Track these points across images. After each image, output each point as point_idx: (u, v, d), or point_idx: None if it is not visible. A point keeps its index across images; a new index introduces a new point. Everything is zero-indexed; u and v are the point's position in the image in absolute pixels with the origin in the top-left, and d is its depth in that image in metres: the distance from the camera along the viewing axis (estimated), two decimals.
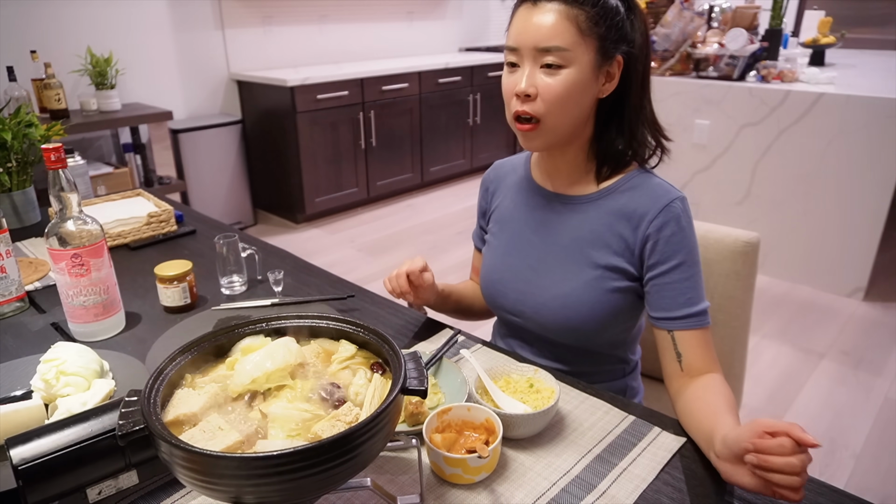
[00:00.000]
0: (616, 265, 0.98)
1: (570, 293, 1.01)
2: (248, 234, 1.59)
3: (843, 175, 2.81)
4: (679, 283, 0.94)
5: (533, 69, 0.91)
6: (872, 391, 2.26)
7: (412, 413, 0.84)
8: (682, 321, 0.93)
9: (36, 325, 1.14)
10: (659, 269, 0.95)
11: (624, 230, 0.98)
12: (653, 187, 0.98)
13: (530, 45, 0.90)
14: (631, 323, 1.06)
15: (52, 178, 0.99)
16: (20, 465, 0.59)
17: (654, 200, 0.96)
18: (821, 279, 3.01)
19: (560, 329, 1.03)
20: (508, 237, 1.11)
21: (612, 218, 0.99)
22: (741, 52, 3.08)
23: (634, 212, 0.97)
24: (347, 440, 0.55)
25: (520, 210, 1.10)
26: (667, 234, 0.94)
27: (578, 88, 0.91)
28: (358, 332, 0.74)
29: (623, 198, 0.99)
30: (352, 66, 4.08)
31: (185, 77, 3.62)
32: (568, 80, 0.90)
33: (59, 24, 3.05)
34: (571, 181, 1.04)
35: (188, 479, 0.56)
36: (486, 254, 1.15)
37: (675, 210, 0.95)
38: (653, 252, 0.95)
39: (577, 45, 0.89)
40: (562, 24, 0.88)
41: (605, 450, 0.82)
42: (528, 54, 0.91)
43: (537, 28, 0.89)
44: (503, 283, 1.10)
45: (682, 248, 0.94)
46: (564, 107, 0.92)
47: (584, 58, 0.90)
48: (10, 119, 1.53)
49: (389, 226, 3.93)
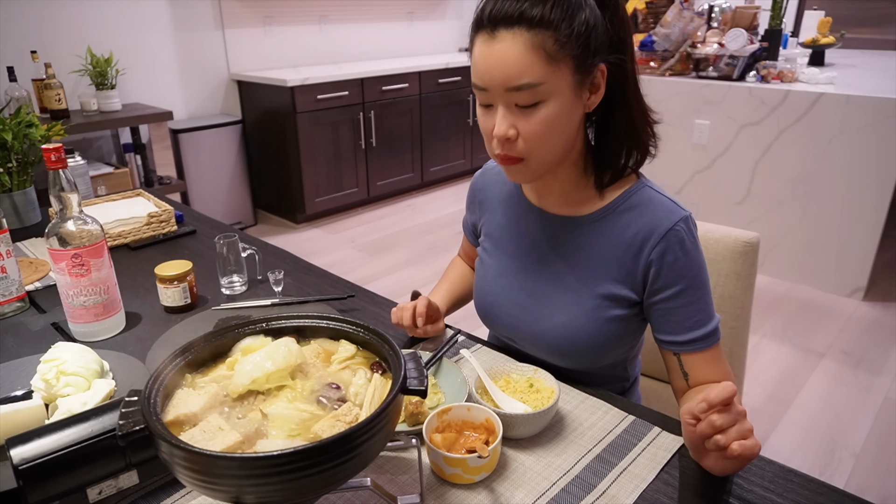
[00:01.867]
0: (617, 294, 0.92)
1: (570, 323, 0.95)
2: (248, 234, 1.59)
3: (843, 175, 2.81)
4: (684, 307, 0.89)
5: (507, 109, 0.82)
6: (872, 391, 2.26)
7: (412, 413, 0.84)
8: (689, 345, 0.89)
9: (36, 325, 1.14)
10: (662, 294, 0.90)
11: (624, 256, 0.91)
12: (654, 207, 0.90)
13: (498, 85, 0.80)
14: (632, 344, 1.03)
15: (52, 178, 0.99)
16: (20, 465, 0.59)
17: (656, 224, 0.89)
18: (821, 279, 3.01)
19: (559, 357, 0.98)
20: (502, 257, 1.04)
21: (611, 243, 0.92)
22: (741, 52, 3.08)
23: (636, 236, 0.90)
24: (347, 440, 0.55)
25: (512, 228, 1.03)
26: (670, 260, 0.88)
27: (562, 118, 0.82)
28: (358, 332, 0.74)
29: (622, 219, 0.91)
30: (352, 66, 4.08)
31: (185, 77, 3.62)
32: (548, 114, 0.81)
33: (59, 24, 3.05)
34: (566, 199, 0.96)
35: (188, 479, 0.56)
36: (479, 271, 1.09)
37: (678, 234, 0.88)
38: (656, 278, 0.89)
39: (550, 76, 0.78)
40: (528, 57, 0.77)
41: (605, 450, 0.82)
42: (498, 94, 0.81)
43: (502, 65, 0.78)
44: (497, 307, 1.04)
45: (686, 272, 0.88)
46: (549, 141, 0.83)
47: (562, 84, 0.80)
48: (11, 119, 1.53)
49: (389, 226, 3.93)
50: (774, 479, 0.77)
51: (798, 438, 2.03)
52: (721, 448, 0.69)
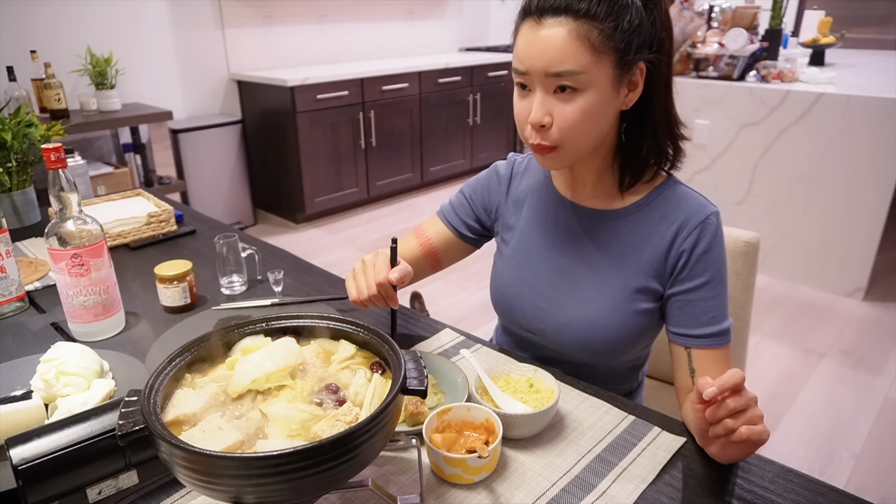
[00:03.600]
0: (647, 286, 0.94)
1: (596, 314, 0.95)
2: (248, 234, 1.59)
3: (843, 175, 2.81)
4: (705, 300, 0.90)
5: (545, 95, 0.83)
6: (872, 391, 2.26)
7: (412, 413, 0.84)
8: (702, 340, 0.90)
9: (36, 325, 1.14)
10: (686, 285, 0.91)
11: (656, 248, 0.92)
12: (687, 201, 0.93)
13: (539, 70, 0.81)
14: (650, 341, 1.03)
15: (52, 178, 0.99)
16: (20, 465, 0.59)
17: (690, 215, 0.91)
18: (821, 279, 3.01)
19: (580, 350, 0.99)
20: (526, 248, 1.03)
21: (643, 236, 0.93)
22: (741, 52, 3.08)
23: (669, 228, 0.92)
24: (347, 440, 0.55)
25: (539, 220, 1.03)
26: (700, 250, 0.90)
27: (598, 110, 0.83)
28: (358, 332, 0.74)
29: (655, 214, 0.93)
30: (352, 66, 4.08)
31: (185, 77, 3.62)
32: (585, 104, 0.82)
33: (59, 24, 3.05)
34: (597, 192, 0.97)
35: (188, 479, 0.56)
36: (497, 262, 1.09)
37: (710, 226, 0.90)
38: (683, 268, 0.91)
39: (591, 66, 0.80)
40: (572, 45, 0.79)
41: (605, 450, 0.82)
42: (538, 78, 0.82)
43: (545, 50, 0.80)
44: (519, 299, 1.03)
45: (713, 265, 0.90)
46: (584, 132, 0.85)
47: (602, 76, 0.81)
48: (10, 119, 1.53)
49: (389, 226, 3.93)
50: (774, 479, 0.77)
51: (798, 438, 2.03)
52: (729, 431, 0.68)
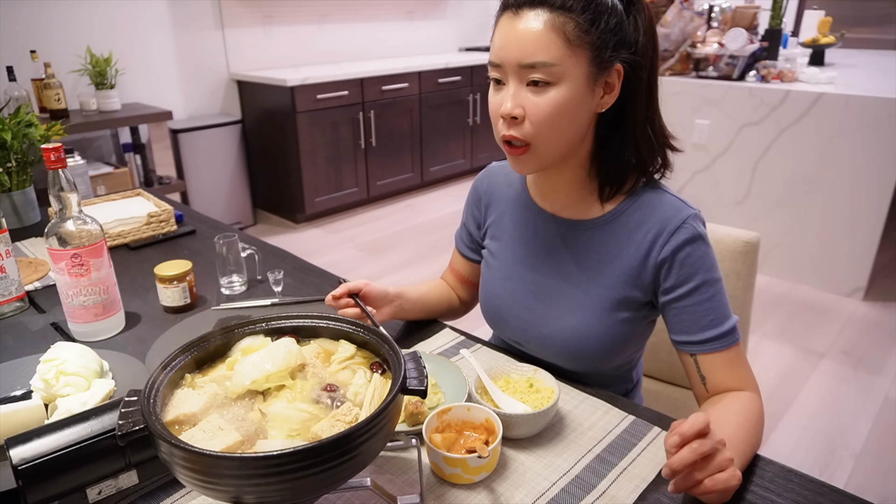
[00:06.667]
0: (626, 295, 0.92)
1: (578, 326, 0.94)
2: (248, 234, 1.59)
3: (843, 175, 2.81)
4: (699, 304, 0.88)
5: (518, 87, 0.82)
6: (872, 391, 2.26)
7: (412, 413, 0.84)
8: (705, 345, 0.87)
9: (36, 325, 1.14)
10: (676, 292, 0.89)
11: (633, 258, 0.91)
12: (662, 206, 0.90)
13: (513, 61, 0.81)
14: (638, 347, 1.03)
15: (51, 178, 0.99)
16: (20, 465, 0.59)
17: (666, 221, 0.89)
18: (821, 279, 3.01)
19: (567, 359, 0.98)
20: (509, 260, 1.03)
21: (619, 245, 0.92)
22: (741, 51, 3.08)
23: (645, 236, 0.90)
24: (347, 440, 0.55)
25: (519, 232, 1.02)
26: (681, 256, 0.87)
27: (571, 106, 0.82)
28: (358, 332, 0.74)
29: (631, 221, 0.91)
30: (352, 65, 4.08)
31: (184, 77, 3.62)
32: (558, 98, 0.81)
33: (59, 24, 3.05)
34: (572, 201, 0.96)
35: (188, 479, 0.56)
36: (485, 274, 1.08)
37: (688, 230, 0.88)
38: (668, 276, 0.89)
39: (565, 59, 0.79)
40: (547, 36, 0.78)
41: (605, 450, 0.82)
42: (511, 71, 0.82)
43: (520, 41, 0.80)
44: (505, 310, 1.03)
45: (699, 269, 0.87)
46: (555, 128, 0.83)
47: (576, 71, 0.80)
48: (10, 119, 1.53)
49: (389, 226, 3.93)
50: (774, 479, 0.77)
51: (798, 438, 2.03)
52: (695, 484, 0.66)
